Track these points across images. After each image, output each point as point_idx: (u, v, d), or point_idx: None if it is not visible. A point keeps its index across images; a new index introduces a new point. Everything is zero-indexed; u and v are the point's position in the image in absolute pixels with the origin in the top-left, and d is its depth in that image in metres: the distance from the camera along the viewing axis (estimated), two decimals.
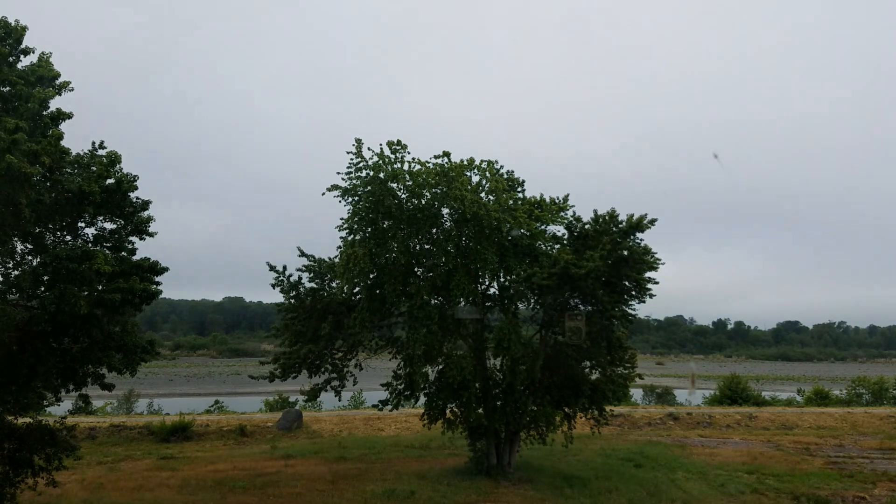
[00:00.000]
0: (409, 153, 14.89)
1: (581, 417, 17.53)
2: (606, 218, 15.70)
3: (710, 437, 24.79)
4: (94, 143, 11.91)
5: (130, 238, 12.26)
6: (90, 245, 11.62)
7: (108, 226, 12.08)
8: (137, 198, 12.08)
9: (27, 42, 11.32)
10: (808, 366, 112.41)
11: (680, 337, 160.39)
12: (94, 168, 11.38)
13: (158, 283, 12.28)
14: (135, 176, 11.86)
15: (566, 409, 17.18)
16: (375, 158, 14.74)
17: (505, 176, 16.32)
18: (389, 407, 16.45)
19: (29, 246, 11.51)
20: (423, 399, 16.66)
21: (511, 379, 15.48)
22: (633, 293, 15.67)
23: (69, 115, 11.47)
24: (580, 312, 15.99)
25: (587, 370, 16.99)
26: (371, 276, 15.31)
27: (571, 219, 16.54)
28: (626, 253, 15.15)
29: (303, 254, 17.38)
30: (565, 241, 16.44)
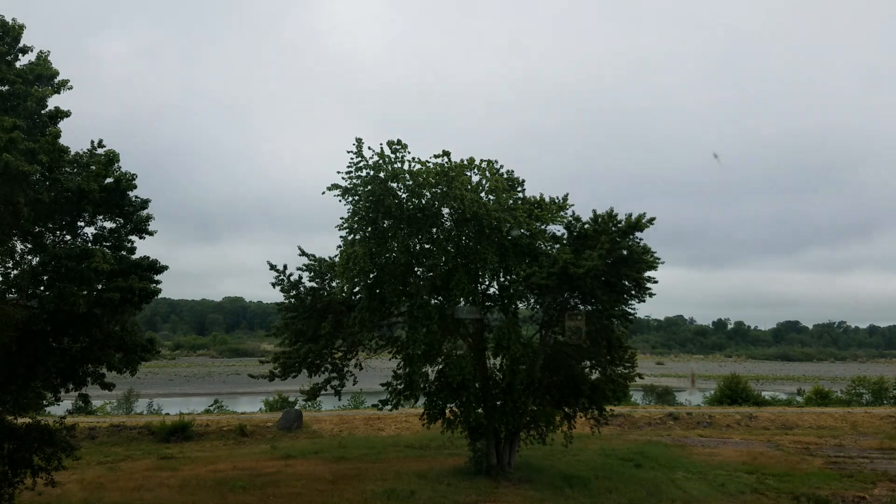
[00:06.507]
0: (409, 153, 14.91)
1: (581, 417, 17.50)
2: (605, 217, 15.71)
3: (710, 437, 24.76)
4: (92, 141, 11.91)
5: (130, 237, 12.24)
6: (89, 244, 11.60)
7: (108, 225, 12.06)
8: (136, 196, 12.07)
9: (25, 40, 11.33)
10: (808, 366, 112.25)
11: (680, 337, 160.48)
12: (93, 167, 11.35)
13: (158, 282, 12.28)
14: (133, 174, 11.84)
15: (566, 409, 17.15)
16: (376, 158, 14.73)
17: (505, 175, 16.30)
18: (389, 407, 16.44)
19: (28, 245, 11.47)
20: (423, 399, 16.64)
21: (511, 379, 15.45)
22: (633, 292, 15.69)
23: (67, 114, 11.46)
24: (580, 312, 15.97)
25: (587, 370, 16.97)
26: (371, 275, 15.28)
27: (571, 218, 16.55)
28: (625, 252, 15.15)
29: (303, 253, 17.38)
30: (565, 241, 16.43)
